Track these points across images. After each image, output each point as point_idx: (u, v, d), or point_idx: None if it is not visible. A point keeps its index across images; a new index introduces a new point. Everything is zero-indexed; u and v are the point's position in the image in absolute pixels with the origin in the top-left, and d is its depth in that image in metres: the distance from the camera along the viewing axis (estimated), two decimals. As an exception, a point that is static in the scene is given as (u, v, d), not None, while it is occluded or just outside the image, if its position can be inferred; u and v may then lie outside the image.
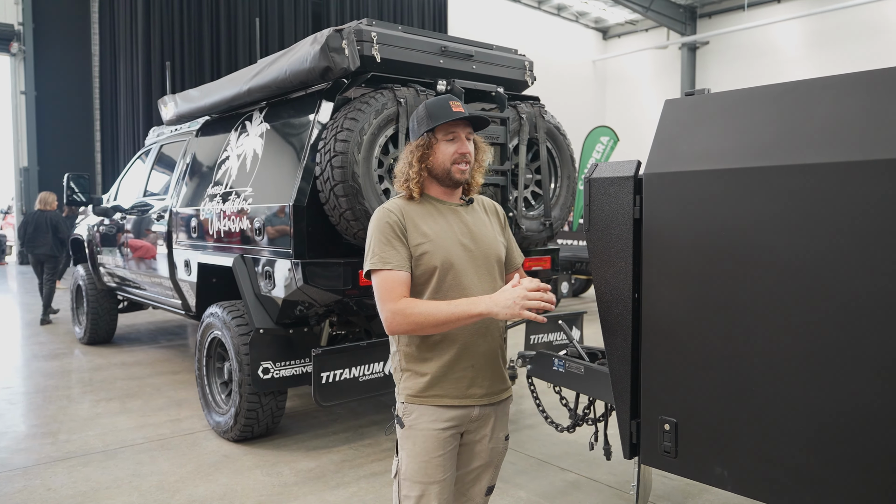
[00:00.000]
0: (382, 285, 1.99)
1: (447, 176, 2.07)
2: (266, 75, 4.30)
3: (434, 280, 2.02)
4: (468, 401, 2.06)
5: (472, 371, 2.06)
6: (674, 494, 3.72)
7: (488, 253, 2.12)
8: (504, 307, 1.87)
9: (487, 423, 2.13)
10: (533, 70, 4.87)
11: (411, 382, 2.06)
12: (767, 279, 1.76)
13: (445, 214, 2.11)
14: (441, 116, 2.04)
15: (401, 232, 2.01)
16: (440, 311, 1.91)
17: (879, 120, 1.59)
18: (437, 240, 2.03)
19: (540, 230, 4.66)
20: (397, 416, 2.10)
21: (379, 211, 2.08)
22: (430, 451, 2.02)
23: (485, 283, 2.08)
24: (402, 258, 1.99)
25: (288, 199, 3.94)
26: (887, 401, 1.57)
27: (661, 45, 22.20)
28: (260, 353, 4.17)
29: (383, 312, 1.97)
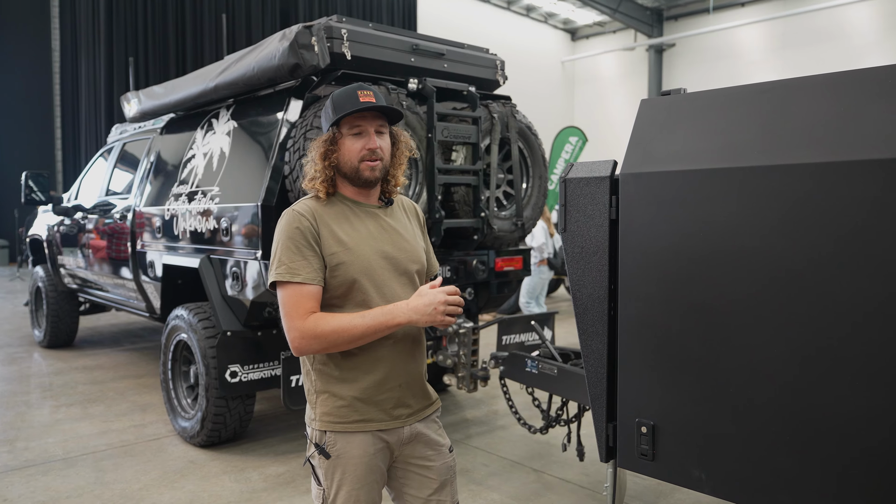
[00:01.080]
0: (289, 300, 1.78)
1: (356, 175, 1.88)
2: (233, 72, 4.20)
3: (352, 294, 1.85)
4: (396, 423, 1.90)
5: (398, 391, 1.90)
6: (646, 494, 3.73)
7: (410, 261, 1.97)
8: (424, 314, 1.76)
9: (424, 441, 1.98)
10: (504, 69, 4.85)
11: (330, 407, 1.86)
12: (745, 281, 1.75)
13: (362, 218, 1.92)
14: (345, 107, 1.84)
15: (313, 239, 1.81)
16: (354, 325, 1.75)
17: (856, 121, 1.59)
18: (355, 248, 1.86)
19: (512, 230, 4.64)
20: (318, 446, 1.88)
21: (287, 214, 1.86)
22: (361, 477, 1.85)
23: (407, 294, 1.92)
24: (314, 269, 1.80)
25: (256, 199, 3.86)
26: (866, 402, 1.57)
27: (628, 47, 22.43)
28: (227, 356, 4.07)
29: (290, 331, 1.77)
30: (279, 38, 3.79)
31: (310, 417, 1.93)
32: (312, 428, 1.91)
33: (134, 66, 8.04)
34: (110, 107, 12.36)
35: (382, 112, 1.91)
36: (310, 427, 1.93)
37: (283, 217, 1.87)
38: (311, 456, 1.92)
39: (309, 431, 1.94)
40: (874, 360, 1.55)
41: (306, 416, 1.97)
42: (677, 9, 21.57)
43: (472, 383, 4.38)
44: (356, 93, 1.86)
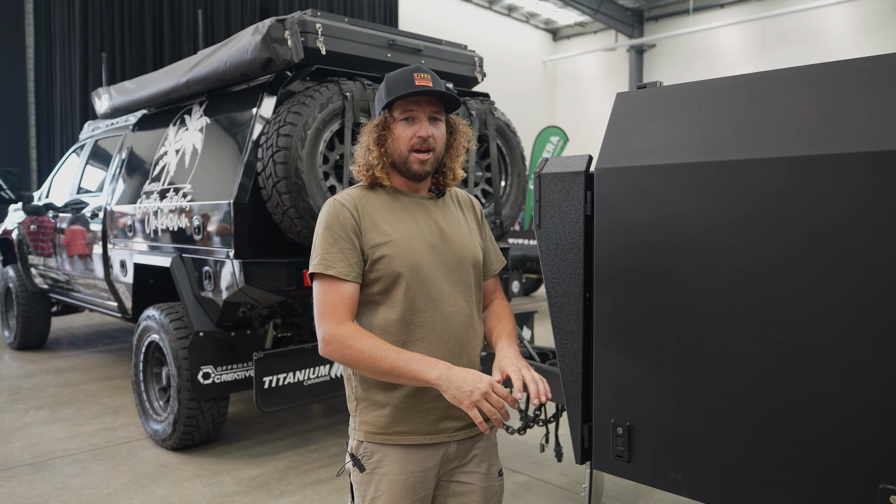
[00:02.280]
0: (324, 297, 1.67)
1: (405, 166, 1.74)
2: (205, 67, 4.11)
3: (396, 289, 1.70)
4: (441, 437, 1.73)
5: (443, 400, 1.69)
6: (624, 494, 3.70)
7: (462, 256, 1.81)
8: (457, 390, 1.54)
9: (472, 461, 1.81)
10: (483, 66, 4.80)
11: (370, 416, 1.73)
12: (722, 277, 1.71)
13: (410, 209, 1.78)
14: (399, 89, 1.69)
15: (353, 231, 1.69)
16: (386, 358, 1.59)
17: (834, 114, 1.55)
18: (401, 240, 1.71)
19: (490, 229, 4.59)
20: (354, 457, 1.75)
21: (329, 204, 1.74)
22: (397, 498, 1.70)
23: (458, 293, 1.77)
24: (350, 265, 1.67)
25: (228, 197, 3.77)
26: (843, 400, 1.53)
27: (609, 47, 22.50)
28: (200, 358, 3.98)
29: (320, 329, 1.66)
30: (251, 32, 3.71)
31: (351, 427, 1.80)
32: (353, 438, 1.79)
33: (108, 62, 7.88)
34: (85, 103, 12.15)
35: (439, 98, 1.74)
36: (350, 436, 1.80)
37: (325, 207, 1.75)
38: (347, 467, 1.81)
39: (348, 441, 1.82)
40: (851, 357, 1.52)
41: (350, 424, 1.83)
42: (658, 10, 21.67)
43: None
44: (412, 75, 1.70)
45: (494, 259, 2.01)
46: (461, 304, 1.79)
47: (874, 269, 1.48)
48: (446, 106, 1.80)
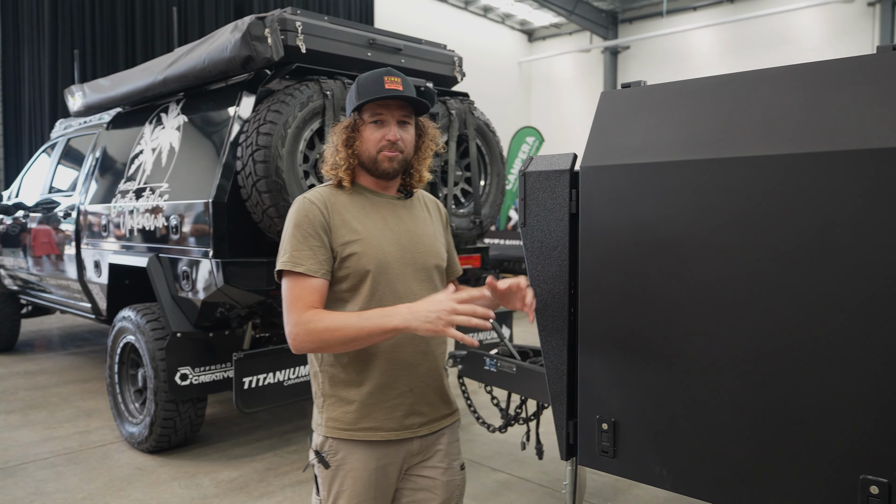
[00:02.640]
0: (290, 292, 1.68)
1: (374, 165, 1.77)
2: (183, 64, 4.06)
3: (364, 287, 1.73)
4: (406, 433, 1.77)
5: (410, 396, 1.76)
6: (604, 490, 3.73)
7: (428, 255, 1.85)
8: (424, 320, 1.54)
9: (435, 455, 1.85)
10: (462, 66, 4.81)
11: (336, 412, 1.75)
12: (707, 275, 1.73)
13: (379, 208, 1.81)
14: (369, 92, 1.72)
15: (322, 229, 1.71)
16: (348, 325, 1.60)
17: (817, 112, 1.59)
18: (370, 238, 1.74)
19: (470, 228, 4.60)
20: (318, 454, 1.78)
21: (299, 202, 1.75)
22: (361, 493, 1.74)
23: (424, 292, 1.79)
24: (318, 262, 1.69)
25: (207, 196, 3.73)
26: (824, 395, 1.56)
27: (584, 49, 22.67)
28: (177, 359, 3.93)
29: (288, 325, 1.67)
30: (231, 30, 3.68)
31: (316, 422, 1.82)
32: (318, 434, 1.80)
33: (79, 59, 7.74)
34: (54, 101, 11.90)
35: (408, 101, 1.78)
36: (315, 432, 1.82)
37: (294, 205, 1.76)
38: (311, 462, 1.82)
39: (311, 438, 1.83)
40: (832, 352, 1.55)
41: (313, 421, 1.85)
42: (632, 12, 21.89)
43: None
44: (383, 78, 1.73)
45: (452, 268, 2.04)
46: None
47: (856, 265, 1.51)
48: (416, 109, 1.83)
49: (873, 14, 16.59)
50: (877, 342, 1.49)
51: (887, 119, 1.49)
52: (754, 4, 18.62)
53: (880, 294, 1.48)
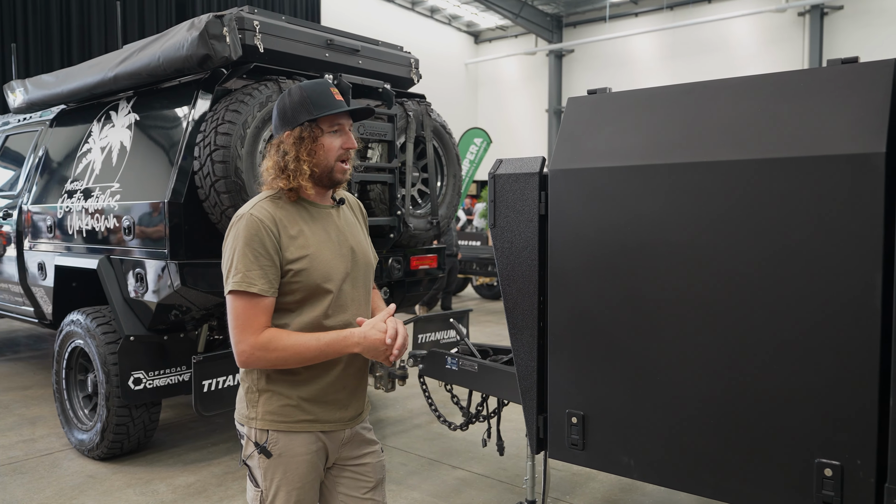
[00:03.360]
0: (243, 312, 1.72)
1: (328, 174, 1.83)
2: (135, 62, 3.97)
3: (314, 300, 1.80)
4: (339, 425, 1.88)
5: (344, 393, 1.88)
6: (562, 485, 3.82)
7: (366, 262, 1.94)
8: (374, 349, 1.74)
9: (362, 442, 1.97)
10: (418, 68, 4.85)
11: (274, 406, 1.81)
12: (671, 273, 1.82)
13: (319, 220, 1.86)
14: (327, 105, 1.79)
15: (273, 249, 1.74)
16: (309, 348, 1.72)
17: (774, 121, 1.69)
18: (317, 253, 1.80)
19: (427, 229, 4.64)
20: (258, 445, 1.82)
21: (246, 219, 1.76)
22: (302, 476, 1.82)
23: (361, 298, 1.91)
24: (269, 281, 1.73)
25: (162, 196, 3.66)
26: (781, 385, 1.67)
27: (529, 51, 23.00)
28: (130, 363, 3.84)
29: (240, 344, 1.72)
30: (187, 28, 3.62)
31: (247, 416, 1.84)
32: (252, 427, 1.83)
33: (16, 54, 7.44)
34: (-12, 97, 11.39)
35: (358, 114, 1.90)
36: (246, 427, 1.85)
37: (241, 221, 1.76)
38: (248, 456, 1.85)
39: (245, 431, 1.85)
40: (791, 346, 1.65)
41: (239, 414, 1.88)
42: (576, 16, 22.33)
43: (391, 383, 4.35)
44: (330, 90, 1.82)
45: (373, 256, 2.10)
46: (363, 308, 1.92)
47: (811, 266, 1.62)
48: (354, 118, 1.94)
49: (803, 24, 17.39)
50: (831, 337, 1.60)
51: (838, 128, 1.60)
52: (692, 12, 19.26)
53: (834, 291, 1.59)
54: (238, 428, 1.89)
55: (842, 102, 1.61)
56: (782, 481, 1.67)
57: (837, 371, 1.60)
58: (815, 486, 1.62)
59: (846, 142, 1.57)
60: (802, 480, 1.64)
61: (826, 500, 1.60)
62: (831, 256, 1.59)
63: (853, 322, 1.57)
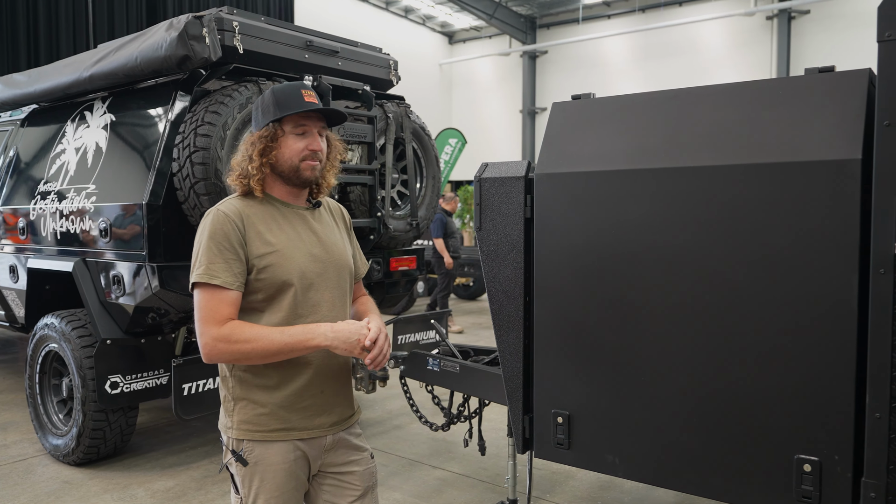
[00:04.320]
0: (206, 304, 1.71)
1: (295, 173, 1.82)
2: (112, 62, 3.92)
3: (280, 297, 1.79)
4: (317, 431, 1.85)
5: (321, 398, 1.84)
6: (541, 483, 3.86)
7: (340, 264, 1.92)
8: (345, 341, 1.70)
9: (348, 448, 1.93)
10: (397, 69, 4.86)
11: (249, 415, 1.80)
12: (654, 275, 1.86)
13: (291, 220, 1.86)
14: (291, 106, 1.79)
15: (238, 243, 1.73)
16: (272, 340, 1.69)
17: (755, 127, 1.74)
18: (285, 250, 1.79)
19: (407, 230, 4.65)
20: (235, 453, 1.81)
21: (212, 214, 1.77)
22: (280, 485, 1.80)
23: (337, 300, 1.89)
24: (234, 275, 1.72)
25: (141, 198, 3.62)
26: (761, 384, 1.72)
27: (503, 52, 23.09)
28: (107, 366, 3.80)
29: (202, 336, 1.70)
30: (166, 28, 3.59)
31: (225, 425, 1.84)
32: (229, 436, 1.84)
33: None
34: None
35: (326, 115, 1.86)
36: (225, 434, 1.85)
37: (207, 217, 1.77)
38: (228, 462, 1.85)
39: (224, 438, 1.86)
40: (771, 346, 1.70)
41: (220, 423, 1.88)
42: (549, 17, 22.47)
43: (371, 384, 4.35)
44: (300, 91, 1.81)
45: (361, 263, 2.10)
46: (339, 310, 1.89)
47: (789, 266, 1.67)
48: (332, 121, 1.91)
49: (772, 27, 17.73)
50: (810, 337, 1.65)
51: (816, 134, 1.65)
52: (664, 15, 19.52)
53: (813, 293, 1.64)
54: (221, 436, 1.88)
55: (819, 110, 1.67)
56: (763, 477, 1.72)
57: (816, 370, 1.65)
58: (794, 482, 1.68)
59: (823, 148, 1.63)
60: (782, 476, 1.70)
61: (805, 495, 1.66)
62: (810, 259, 1.65)
63: (831, 323, 1.62)
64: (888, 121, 1.52)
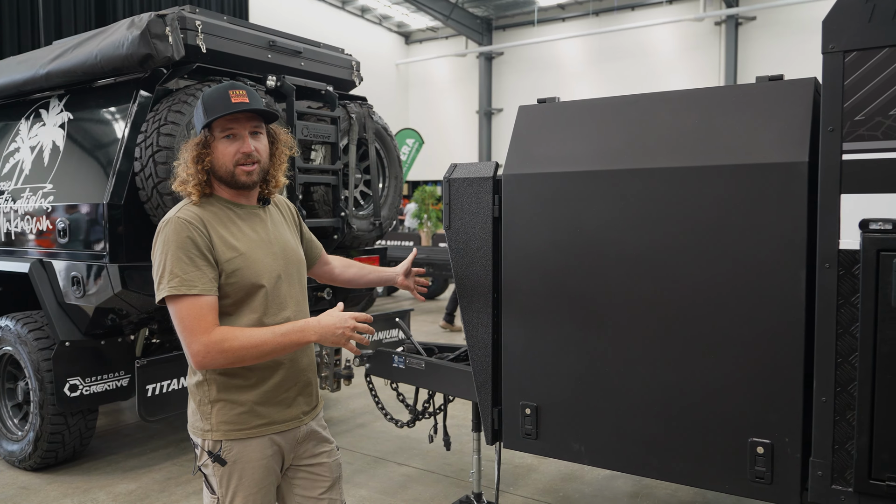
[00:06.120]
0: (189, 314, 1.69)
1: (231, 178, 1.80)
2: (70, 59, 3.86)
3: (249, 299, 1.79)
4: (294, 422, 1.89)
5: (295, 390, 1.89)
6: (504, 477, 3.95)
7: (297, 260, 1.95)
8: (333, 335, 1.73)
9: (318, 441, 1.97)
10: (360, 70, 4.89)
11: (228, 415, 1.80)
12: (617, 271, 1.96)
13: (247, 220, 1.85)
14: (216, 109, 1.76)
15: (206, 248, 1.72)
16: (265, 341, 1.70)
17: (710, 131, 1.85)
18: (250, 253, 1.80)
19: (370, 230, 4.69)
20: (212, 454, 1.81)
21: (174, 223, 1.74)
22: (259, 481, 1.82)
23: (297, 293, 1.92)
24: (209, 280, 1.72)
25: (101, 197, 3.58)
26: (717, 372, 1.83)
27: (460, 53, 23.24)
28: (66, 369, 3.74)
29: (193, 345, 1.69)
30: (127, 26, 3.55)
31: (202, 429, 1.83)
32: (205, 439, 1.83)
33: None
34: None
35: (256, 113, 1.82)
36: (201, 438, 1.85)
37: (169, 225, 1.74)
38: (202, 465, 1.85)
39: (199, 441, 1.85)
40: (723, 335, 1.82)
41: (192, 427, 1.87)
42: (505, 19, 22.71)
43: (336, 382, 4.38)
44: (227, 93, 1.77)
45: (316, 252, 2.17)
46: (301, 304, 1.93)
47: (742, 262, 1.78)
48: (266, 118, 1.88)
49: (720, 33, 18.28)
50: (762, 328, 1.77)
51: (766, 138, 1.77)
52: (617, 19, 19.93)
53: (764, 286, 1.76)
54: (192, 439, 1.88)
55: (769, 116, 1.79)
56: (720, 460, 1.83)
57: (767, 358, 1.77)
58: (748, 463, 1.79)
59: (773, 151, 1.74)
60: (737, 458, 1.81)
61: (759, 475, 1.77)
62: (761, 254, 1.76)
63: (780, 313, 1.74)
64: (832, 126, 1.64)
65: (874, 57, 1.58)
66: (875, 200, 1.59)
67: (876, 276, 1.58)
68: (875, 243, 1.59)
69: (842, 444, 1.67)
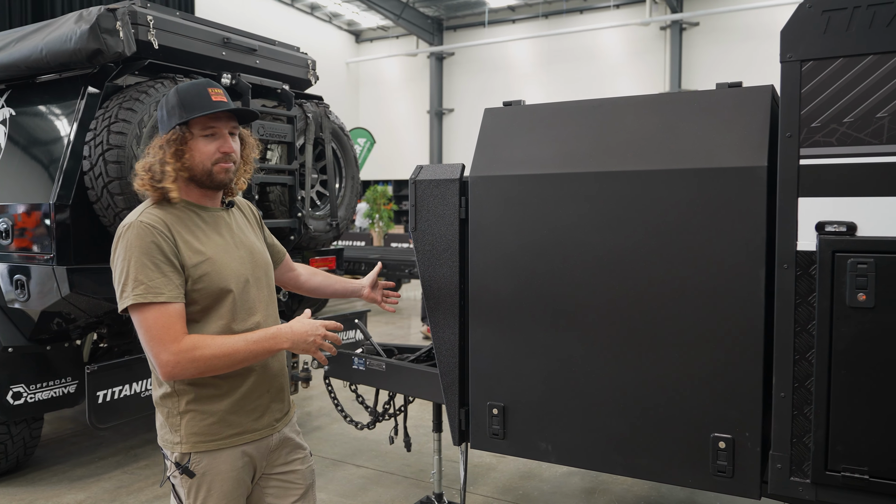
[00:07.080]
0: (157, 323, 1.62)
1: (208, 177, 1.75)
2: (12, 53, 3.70)
3: (219, 306, 1.74)
4: (266, 430, 1.84)
5: (267, 397, 1.84)
6: (465, 477, 3.97)
7: (264, 262, 1.91)
8: (304, 342, 1.72)
9: (290, 448, 1.94)
10: (316, 69, 4.84)
11: (197, 427, 1.75)
12: (581, 272, 1.99)
13: (212, 223, 1.81)
14: (198, 107, 1.70)
15: (171, 253, 1.66)
16: (237, 349, 1.66)
17: (672, 136, 1.90)
18: (216, 257, 1.75)
19: (327, 230, 4.65)
20: (181, 466, 1.75)
21: (137, 227, 1.66)
22: (228, 493, 1.77)
23: (267, 298, 1.88)
24: (176, 287, 1.65)
25: (47, 197, 3.45)
26: (679, 370, 1.88)
27: (411, 53, 23.20)
28: (9, 376, 3.60)
29: (162, 355, 1.62)
30: (75, 20, 3.42)
31: (171, 441, 1.78)
32: (174, 451, 1.78)
33: None
34: None
35: (238, 113, 1.79)
36: (170, 450, 1.79)
37: (131, 230, 1.67)
38: (171, 475, 1.80)
39: (168, 454, 1.80)
40: (685, 334, 1.87)
41: (162, 440, 1.81)
42: (456, 20, 22.77)
43: (293, 385, 4.32)
44: (207, 90, 1.73)
45: (279, 249, 2.13)
46: (270, 308, 1.90)
47: (703, 262, 1.84)
48: (247, 119, 1.87)
49: (665, 37, 18.74)
50: (722, 327, 1.82)
51: (726, 143, 1.83)
52: (565, 21, 20.23)
53: (724, 286, 1.81)
54: (162, 450, 1.82)
55: (729, 121, 1.84)
56: (683, 455, 1.88)
57: (728, 356, 1.83)
58: (711, 458, 1.85)
59: (734, 156, 1.80)
60: (700, 453, 1.86)
61: (720, 469, 1.83)
62: (722, 255, 1.82)
63: (741, 312, 1.80)
64: (790, 132, 1.71)
65: (829, 66, 1.65)
66: (830, 204, 1.67)
67: (832, 276, 1.65)
68: (830, 245, 1.66)
69: (800, 438, 1.74)
